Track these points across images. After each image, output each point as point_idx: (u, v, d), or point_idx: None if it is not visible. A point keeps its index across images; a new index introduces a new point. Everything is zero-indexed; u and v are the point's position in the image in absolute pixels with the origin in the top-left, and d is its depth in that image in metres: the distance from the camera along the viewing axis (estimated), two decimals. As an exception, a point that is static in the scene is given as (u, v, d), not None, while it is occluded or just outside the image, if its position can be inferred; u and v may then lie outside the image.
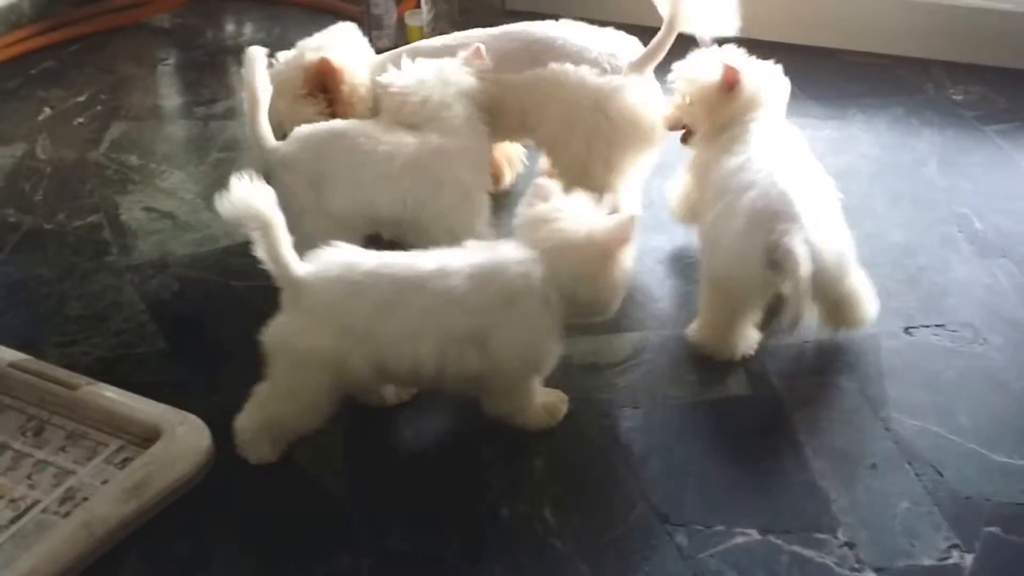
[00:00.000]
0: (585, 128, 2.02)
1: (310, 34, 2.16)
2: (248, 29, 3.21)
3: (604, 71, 2.01)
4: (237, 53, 2.91)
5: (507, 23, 3.06)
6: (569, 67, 2.02)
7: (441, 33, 2.98)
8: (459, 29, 3.00)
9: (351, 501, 1.65)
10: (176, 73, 3.01)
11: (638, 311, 2.02)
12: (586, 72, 2.01)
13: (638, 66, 2.04)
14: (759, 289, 1.81)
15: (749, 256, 1.75)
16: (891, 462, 1.70)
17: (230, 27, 3.24)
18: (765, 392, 1.84)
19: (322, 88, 2.05)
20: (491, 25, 3.06)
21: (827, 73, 2.85)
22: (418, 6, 2.93)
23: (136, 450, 1.66)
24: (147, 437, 1.66)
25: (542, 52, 2.06)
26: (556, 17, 2.57)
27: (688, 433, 1.77)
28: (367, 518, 1.62)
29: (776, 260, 1.70)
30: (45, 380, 1.75)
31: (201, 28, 3.21)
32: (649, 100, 2.03)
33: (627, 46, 2.07)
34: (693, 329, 1.92)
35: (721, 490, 1.66)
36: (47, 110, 2.78)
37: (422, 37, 2.93)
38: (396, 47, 2.96)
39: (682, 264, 2.15)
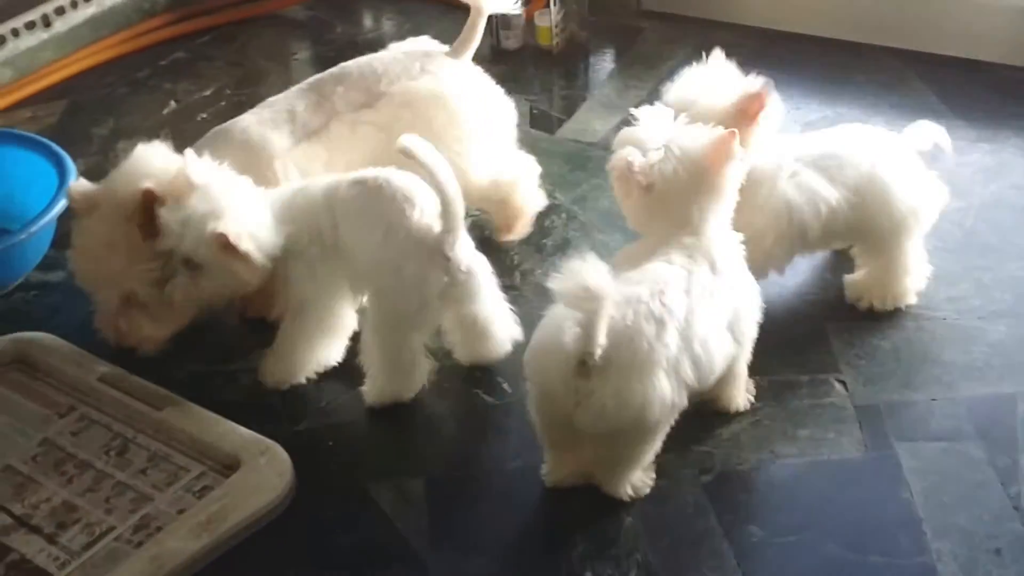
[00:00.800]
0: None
1: (441, 30, 2.15)
2: (380, 24, 3.20)
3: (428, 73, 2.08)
4: (366, 49, 2.91)
5: (643, 24, 3.01)
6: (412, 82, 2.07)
7: (570, 35, 2.92)
8: (590, 30, 2.95)
9: (430, 545, 1.62)
10: (305, 68, 3.02)
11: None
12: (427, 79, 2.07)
13: (455, 53, 2.13)
14: None
15: None
16: (1019, 549, 1.55)
17: (366, 22, 3.23)
18: (883, 455, 1.72)
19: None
20: (625, 24, 3.02)
21: (977, 89, 2.63)
22: (547, 6, 2.86)
23: (217, 477, 1.66)
24: (228, 464, 1.66)
25: (374, 82, 2.08)
26: (695, 19, 2.50)
27: (794, 498, 1.66)
28: (446, 564, 1.58)
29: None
30: (131, 397, 1.78)
31: (333, 22, 3.21)
32: (470, 81, 2.12)
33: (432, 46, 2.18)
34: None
35: (824, 568, 1.55)
36: (173, 104, 2.84)
37: (551, 37, 2.88)
38: (525, 47, 2.95)
39: (804, 300, 2.03)
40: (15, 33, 2.85)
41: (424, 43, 2.20)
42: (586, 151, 2.52)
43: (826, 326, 1.96)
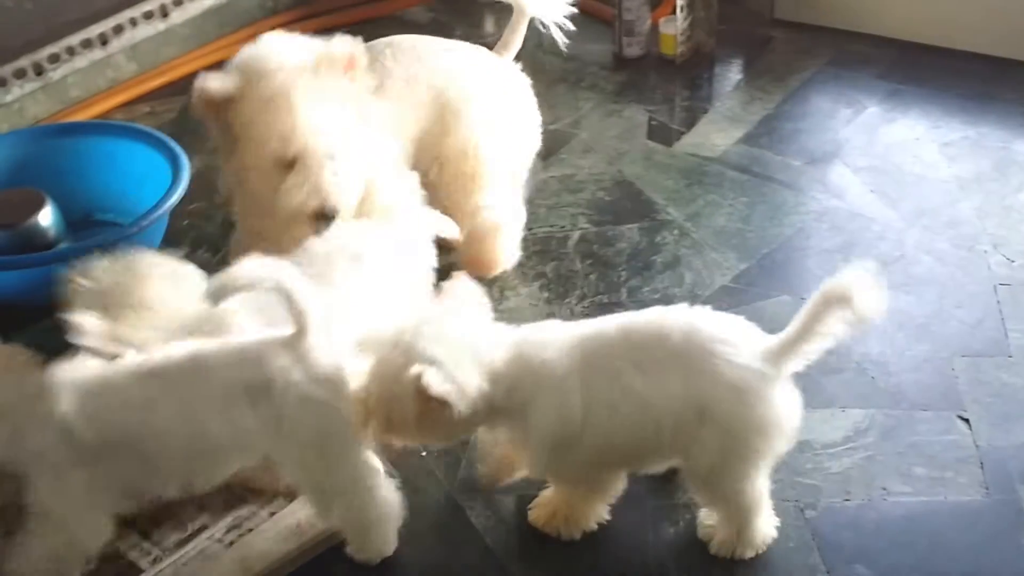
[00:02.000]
0: None
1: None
2: (501, 28, 3.22)
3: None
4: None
5: (774, 33, 2.98)
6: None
7: (696, 43, 2.91)
8: (718, 39, 2.94)
9: (519, 565, 1.63)
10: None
11: (867, 384, 1.88)
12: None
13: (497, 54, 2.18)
14: None
15: None
16: None
17: (487, 26, 3.26)
18: (1006, 500, 1.67)
19: None
20: (754, 33, 2.99)
21: None
22: (673, 12, 2.85)
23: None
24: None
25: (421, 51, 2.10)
26: (829, 29, 2.45)
27: (905, 539, 1.62)
28: (532, 581, 1.60)
29: None
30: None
31: (454, 24, 3.26)
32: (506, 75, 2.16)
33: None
34: None
35: (933, 615, 1.52)
36: (290, 105, 2.92)
37: (675, 46, 2.88)
38: (647, 55, 2.95)
39: (929, 332, 1.98)
40: (133, 23, 2.96)
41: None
42: (703, 166, 2.51)
43: (954, 360, 1.92)
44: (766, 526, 1.60)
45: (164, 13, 3.02)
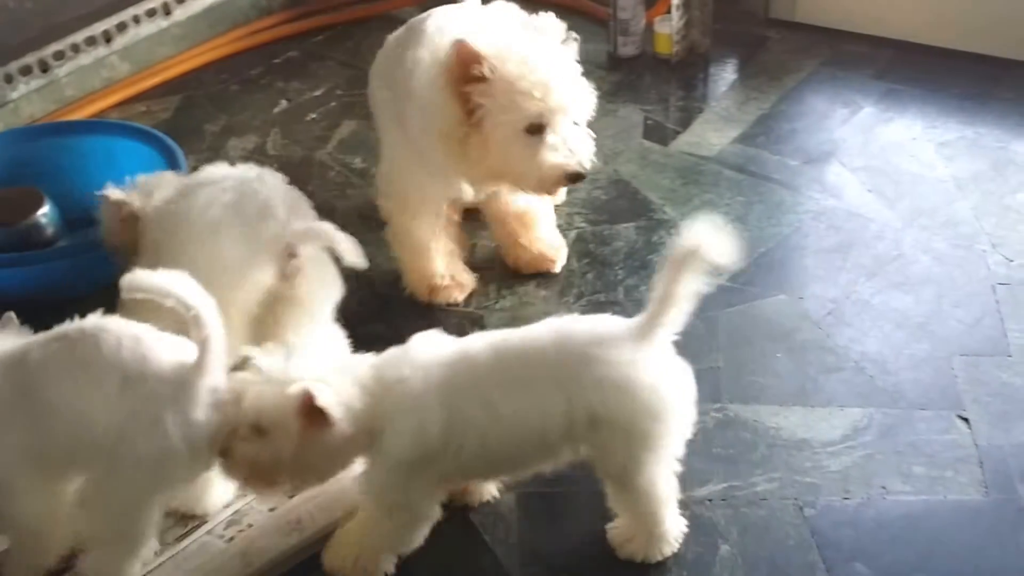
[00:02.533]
0: None
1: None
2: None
3: None
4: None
5: (769, 33, 3.00)
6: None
7: (691, 43, 2.93)
8: (713, 38, 2.95)
9: (519, 561, 1.64)
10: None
11: (865, 383, 1.90)
12: None
13: None
14: None
15: None
16: None
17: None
18: (1006, 499, 1.68)
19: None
20: (750, 33, 3.01)
21: None
22: (669, 12, 2.86)
23: (308, 478, 1.71)
24: (320, 466, 1.71)
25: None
26: (825, 29, 2.44)
27: (905, 537, 1.63)
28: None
29: None
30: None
31: (446, 23, 3.28)
32: None
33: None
34: None
35: (934, 614, 1.53)
36: (284, 103, 2.94)
37: (671, 45, 2.89)
38: (642, 55, 2.96)
39: (927, 331, 2.00)
40: (136, 20, 2.99)
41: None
42: (699, 165, 2.52)
43: (953, 360, 1.93)
44: (676, 523, 1.61)
45: (167, 11, 3.07)
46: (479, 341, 1.53)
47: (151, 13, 3.02)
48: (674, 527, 1.61)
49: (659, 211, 2.38)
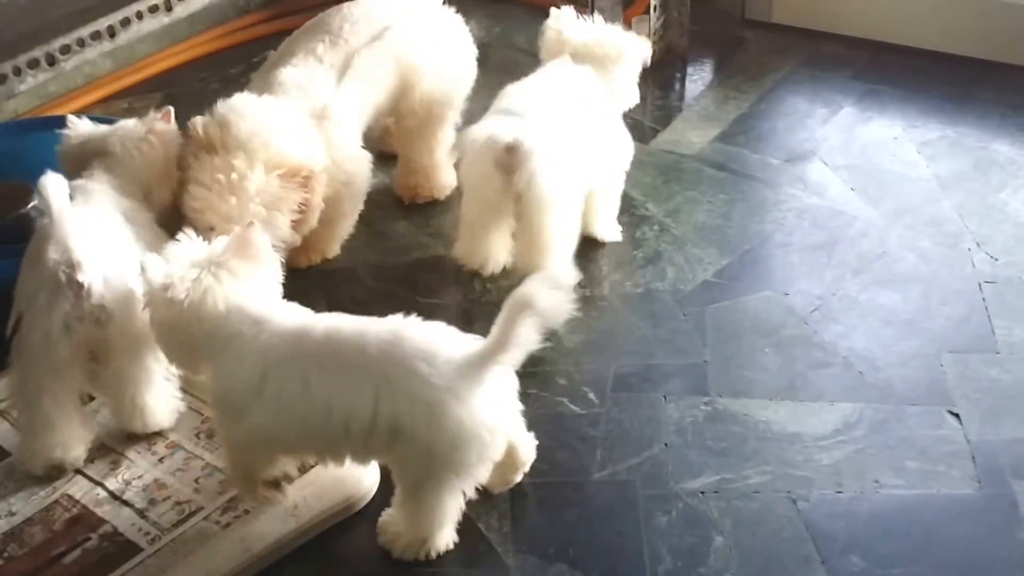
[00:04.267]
0: None
1: (532, 34, 2.18)
2: (468, 26, 3.23)
3: None
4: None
5: (746, 34, 3.02)
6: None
7: (669, 43, 2.93)
8: (690, 39, 2.96)
9: (513, 549, 1.63)
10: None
11: (854, 379, 1.91)
12: None
13: None
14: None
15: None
16: None
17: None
18: (998, 493, 1.69)
19: None
20: (727, 34, 3.03)
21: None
22: (646, 12, 2.87)
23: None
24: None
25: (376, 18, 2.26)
26: (802, 30, 2.44)
27: (899, 530, 1.64)
28: (528, 569, 1.60)
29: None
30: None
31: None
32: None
33: None
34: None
35: (929, 605, 1.54)
36: (259, 100, 2.89)
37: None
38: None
39: (915, 328, 2.01)
40: (125, 23, 3.00)
41: None
42: (681, 163, 2.53)
43: (942, 356, 1.95)
44: (447, 539, 1.60)
45: (168, 7, 3.10)
46: (324, 322, 1.56)
47: (154, 9, 3.06)
48: (443, 542, 1.60)
49: (641, 207, 2.38)
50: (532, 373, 1.89)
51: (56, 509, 1.67)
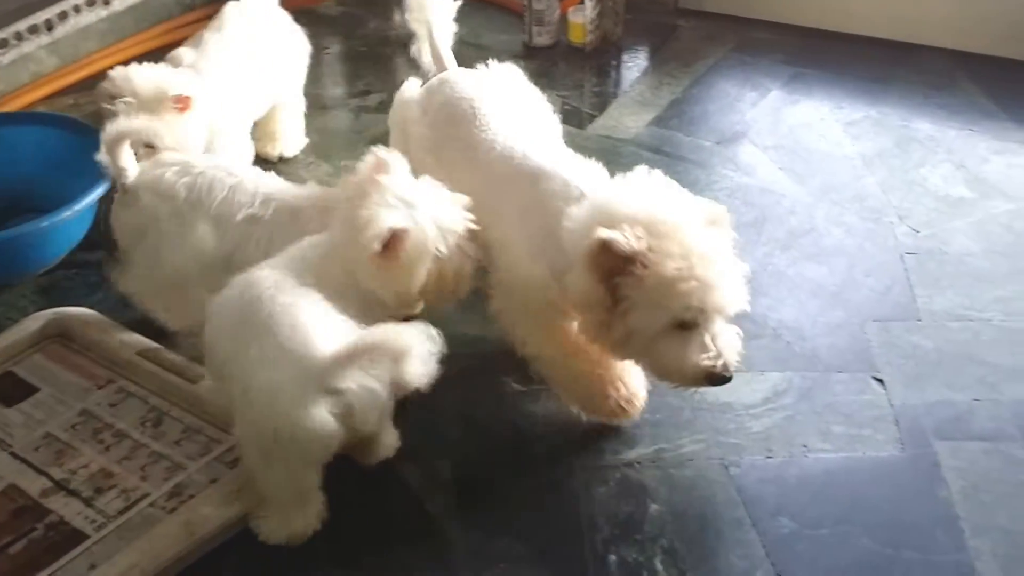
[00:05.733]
0: None
1: (474, 25, 2.17)
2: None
3: None
4: (398, 45, 2.96)
5: (679, 22, 3.05)
6: None
7: (604, 32, 2.96)
8: (625, 28, 2.99)
9: (456, 525, 1.65)
10: (335, 63, 3.07)
11: (783, 349, 1.94)
12: None
13: None
14: None
15: None
16: (1061, 549, 1.57)
17: (396, 17, 3.26)
18: (921, 454, 1.74)
19: None
20: (660, 22, 3.06)
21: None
22: (582, 2, 2.89)
23: (247, 450, 1.70)
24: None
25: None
26: (733, 17, 2.44)
27: (827, 492, 1.68)
28: (471, 544, 1.62)
29: None
30: (167, 371, 1.84)
31: (365, 18, 3.25)
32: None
33: None
34: None
35: (857, 562, 1.57)
36: (203, 92, 2.88)
37: (585, 34, 2.92)
38: (557, 44, 2.99)
39: (841, 299, 2.05)
40: (62, 16, 2.95)
41: None
42: (618, 147, 2.55)
43: (866, 325, 1.99)
44: (312, 519, 1.60)
45: (106, 1, 3.05)
46: (259, 270, 1.61)
47: (91, 2, 3.00)
48: (307, 521, 1.59)
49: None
50: (474, 352, 1.91)
51: (1, 500, 1.66)
